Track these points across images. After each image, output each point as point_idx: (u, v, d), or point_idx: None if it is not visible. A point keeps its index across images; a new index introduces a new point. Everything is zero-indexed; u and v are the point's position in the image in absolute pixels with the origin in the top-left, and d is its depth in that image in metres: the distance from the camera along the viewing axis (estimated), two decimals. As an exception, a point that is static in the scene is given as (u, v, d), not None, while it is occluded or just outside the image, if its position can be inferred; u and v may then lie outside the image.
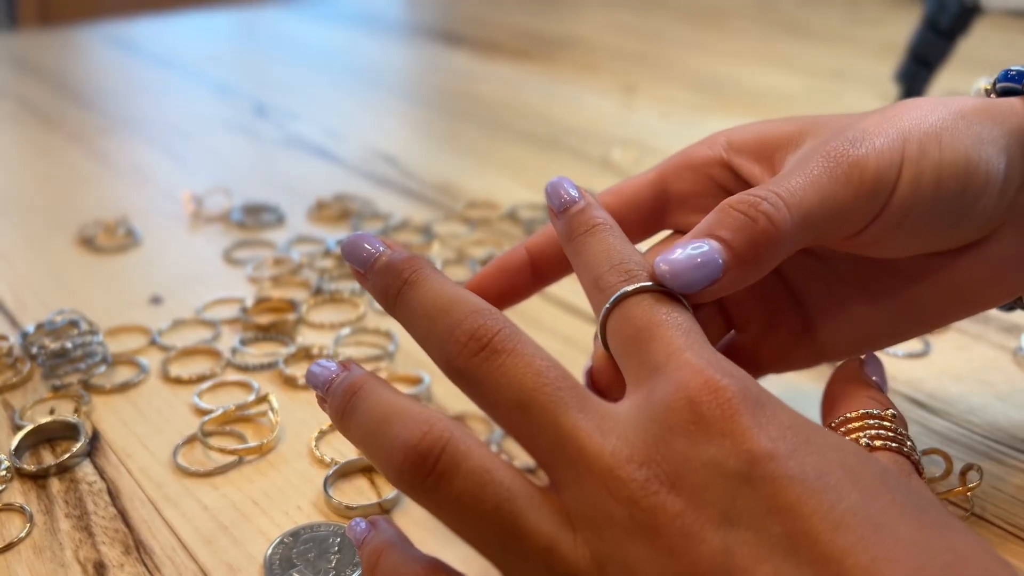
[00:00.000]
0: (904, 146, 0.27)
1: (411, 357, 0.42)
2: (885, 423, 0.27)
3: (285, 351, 0.41)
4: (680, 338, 0.23)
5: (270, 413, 0.36)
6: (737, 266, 0.26)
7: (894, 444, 0.26)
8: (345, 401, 0.24)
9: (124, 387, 0.39)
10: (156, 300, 0.47)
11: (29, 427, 0.35)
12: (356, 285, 0.48)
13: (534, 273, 0.33)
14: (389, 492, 0.33)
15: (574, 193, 0.29)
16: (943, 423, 0.37)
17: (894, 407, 0.28)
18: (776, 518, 0.20)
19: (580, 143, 0.72)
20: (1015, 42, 1.15)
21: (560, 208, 0.29)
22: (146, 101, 0.84)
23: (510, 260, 0.33)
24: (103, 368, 0.40)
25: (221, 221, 0.56)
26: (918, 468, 0.26)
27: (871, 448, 0.26)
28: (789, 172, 0.27)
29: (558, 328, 0.44)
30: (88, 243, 0.53)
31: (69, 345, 0.39)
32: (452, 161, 0.69)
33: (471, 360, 0.23)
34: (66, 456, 0.34)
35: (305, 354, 0.41)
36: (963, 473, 0.33)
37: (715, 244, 0.25)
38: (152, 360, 0.41)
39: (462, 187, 0.63)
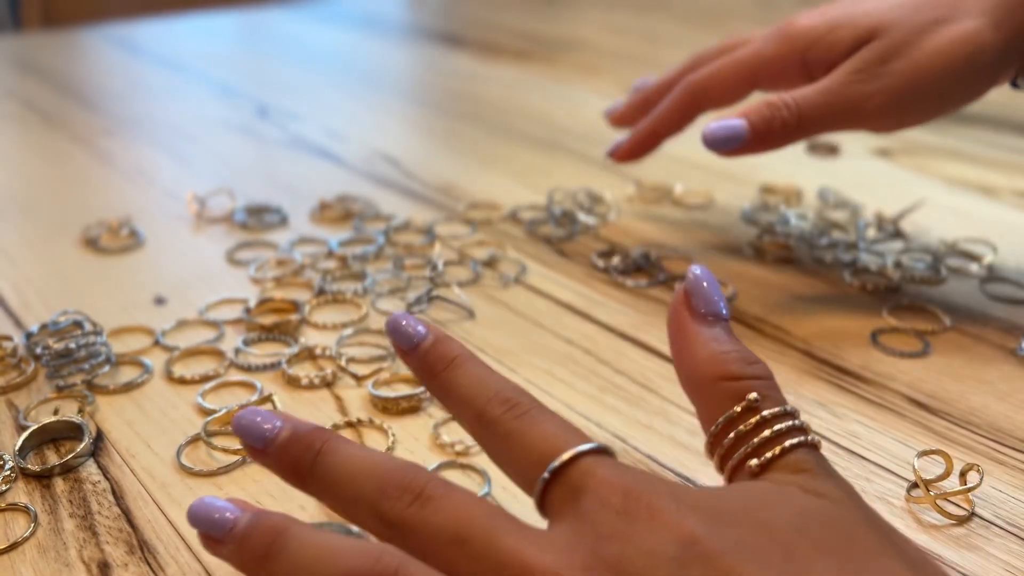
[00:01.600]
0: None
1: (413, 358, 0.42)
2: (755, 418, 0.25)
3: (288, 351, 0.41)
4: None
5: (273, 413, 0.36)
6: (754, 139, 0.43)
7: (777, 449, 0.25)
8: (266, 544, 0.24)
9: (128, 387, 0.39)
10: (160, 301, 0.47)
11: (33, 427, 0.35)
12: (359, 286, 0.48)
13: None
14: (392, 492, 0.33)
15: (420, 329, 0.29)
16: (943, 423, 0.37)
17: (754, 370, 0.26)
18: None
19: (581, 144, 0.72)
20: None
21: (410, 346, 0.29)
22: (149, 102, 0.84)
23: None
24: (107, 368, 0.40)
25: (224, 222, 0.56)
26: (814, 444, 0.25)
27: (764, 468, 0.25)
28: (819, 82, 0.43)
29: (559, 330, 0.44)
30: (92, 244, 0.53)
31: (73, 345, 0.39)
32: (454, 162, 0.69)
33: (406, 511, 0.23)
34: (70, 456, 0.34)
35: (308, 354, 0.42)
36: (963, 474, 0.33)
37: (743, 122, 0.42)
38: (156, 360, 0.41)
39: (464, 188, 0.63)
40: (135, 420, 0.37)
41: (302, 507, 0.32)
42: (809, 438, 0.25)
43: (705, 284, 0.28)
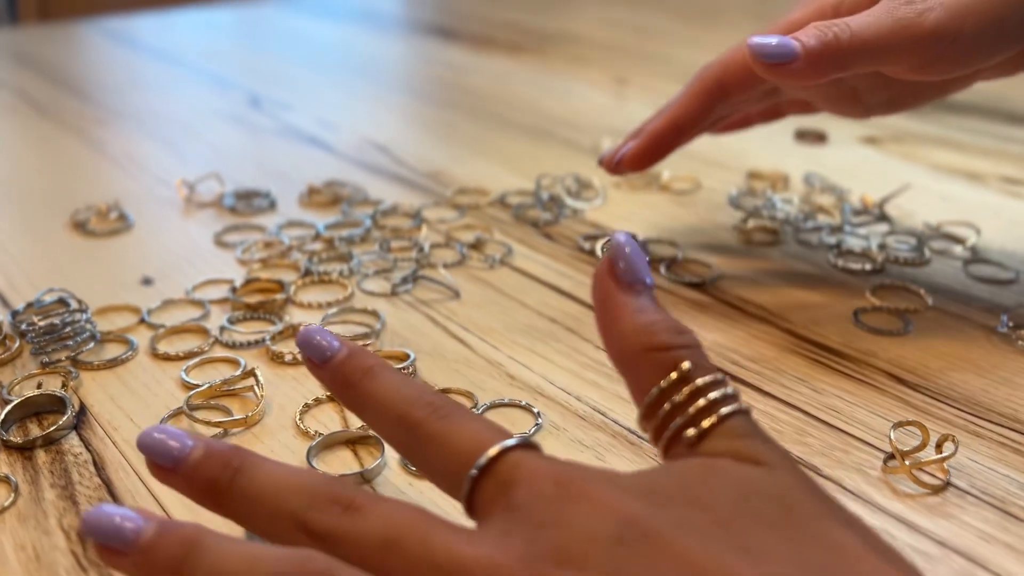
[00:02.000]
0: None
1: (397, 336, 0.42)
2: (689, 388, 0.25)
3: (273, 329, 0.42)
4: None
5: (255, 387, 0.37)
6: (805, 58, 0.36)
7: (714, 418, 0.24)
8: (181, 555, 0.22)
9: (112, 363, 0.39)
10: (147, 281, 0.47)
11: (16, 400, 0.36)
12: (345, 267, 0.48)
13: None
14: (371, 462, 0.33)
15: (334, 342, 0.28)
16: (922, 398, 0.37)
17: (682, 339, 0.26)
18: (659, 564, 0.20)
19: (571, 133, 0.72)
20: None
21: (322, 359, 0.28)
22: (143, 94, 0.84)
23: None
24: (92, 345, 0.40)
25: (213, 206, 0.57)
26: (746, 411, 0.25)
27: (700, 438, 0.24)
28: (864, 13, 0.37)
29: (543, 309, 0.45)
30: (81, 227, 0.53)
31: (58, 322, 0.40)
32: (444, 150, 0.70)
33: (334, 521, 0.23)
34: (52, 428, 0.34)
35: (293, 331, 0.42)
36: (939, 444, 0.33)
37: (795, 41, 0.36)
38: (141, 338, 0.42)
39: (453, 174, 0.63)
40: (118, 395, 0.38)
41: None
42: (742, 405, 0.25)
43: (629, 251, 0.27)
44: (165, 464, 0.25)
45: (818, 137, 0.70)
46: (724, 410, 0.24)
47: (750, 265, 0.49)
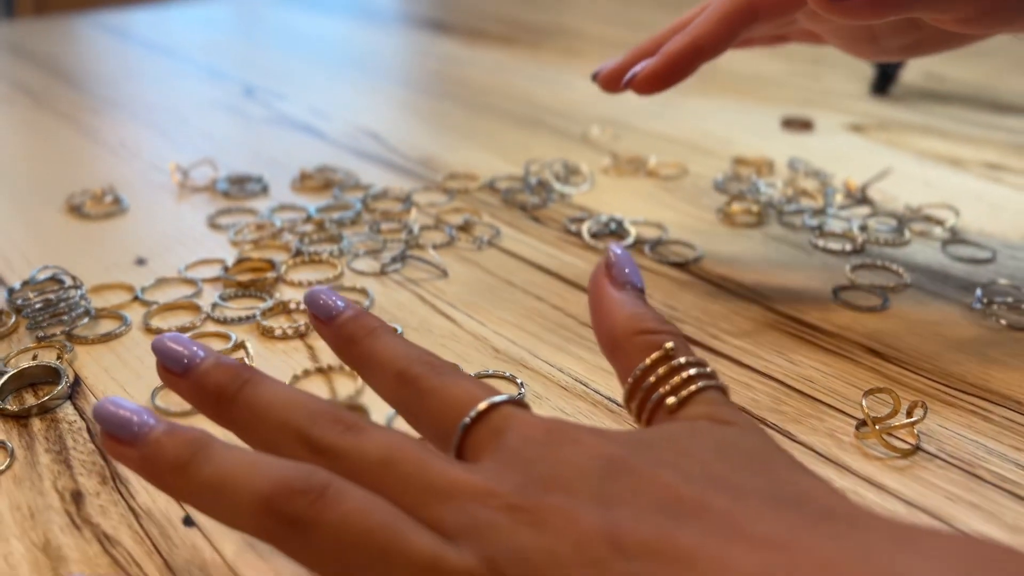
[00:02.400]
0: None
1: (385, 312, 0.43)
2: (672, 363, 0.27)
3: (263, 305, 0.43)
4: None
5: (245, 359, 0.38)
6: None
7: (693, 387, 0.26)
8: (189, 452, 0.23)
9: (106, 338, 0.40)
10: (141, 261, 0.48)
11: (12, 371, 0.36)
12: (335, 247, 0.49)
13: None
14: (357, 429, 0.34)
15: (340, 302, 0.30)
16: (896, 368, 0.38)
17: (666, 327, 0.28)
18: (643, 493, 0.22)
19: (560, 121, 0.73)
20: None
21: (328, 316, 0.29)
22: (137, 84, 0.85)
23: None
24: (86, 320, 0.41)
25: (207, 191, 0.58)
26: (723, 388, 0.27)
27: (680, 405, 0.26)
28: None
29: (529, 288, 0.46)
30: (76, 211, 0.54)
31: (53, 298, 0.41)
32: (435, 137, 0.70)
33: (336, 437, 0.24)
34: (47, 398, 0.35)
35: (283, 308, 0.43)
36: (909, 410, 0.34)
37: None
38: (134, 314, 0.42)
39: (443, 160, 0.64)
40: (112, 367, 0.38)
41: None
42: (720, 383, 0.27)
43: (624, 259, 0.30)
44: (176, 369, 0.26)
45: (804, 124, 0.71)
46: (703, 383, 0.26)
47: (733, 246, 0.50)
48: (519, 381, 0.37)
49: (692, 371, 0.26)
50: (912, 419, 0.33)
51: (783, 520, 0.20)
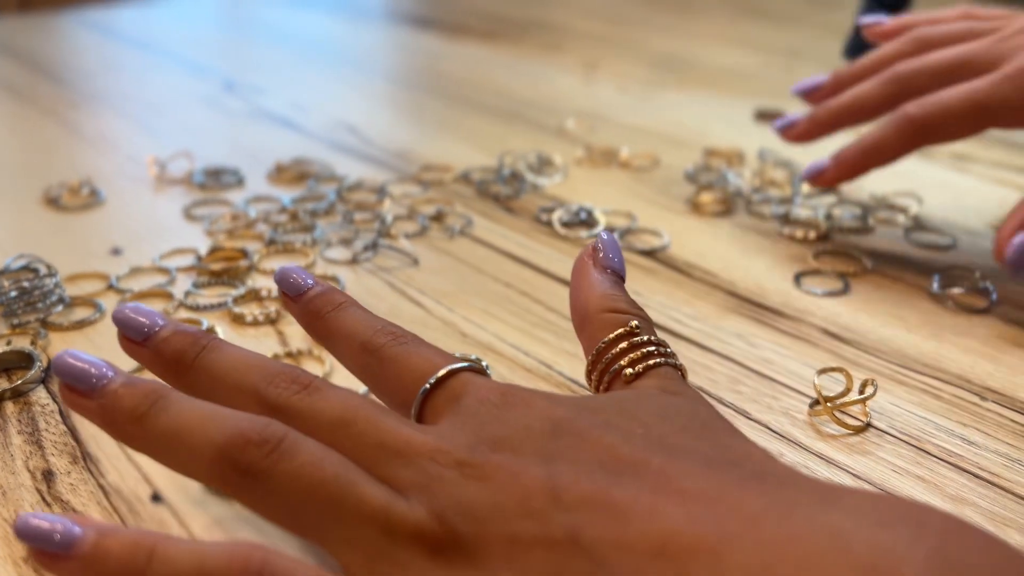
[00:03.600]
0: None
1: (356, 298, 0.44)
2: (635, 339, 0.28)
3: (235, 292, 0.43)
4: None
5: (216, 343, 0.38)
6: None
7: (651, 361, 0.27)
8: (147, 403, 0.24)
9: (80, 324, 0.41)
10: (116, 252, 0.49)
11: (-15, 357, 0.37)
12: (308, 237, 0.50)
13: None
14: (324, 410, 0.35)
15: (308, 279, 0.30)
16: (852, 351, 0.39)
17: (636, 310, 0.29)
18: (584, 451, 0.23)
19: (538, 114, 0.74)
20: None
21: (296, 293, 0.30)
22: (119, 79, 0.86)
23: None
24: (60, 308, 0.42)
25: (183, 183, 0.58)
26: (681, 371, 0.28)
27: (636, 376, 0.27)
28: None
29: (499, 275, 0.46)
30: (53, 203, 0.55)
31: (27, 286, 0.41)
32: (412, 130, 0.71)
33: (293, 397, 0.25)
34: (20, 382, 0.36)
35: (254, 295, 0.43)
36: (861, 388, 0.35)
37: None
38: (109, 302, 0.43)
39: (419, 153, 0.65)
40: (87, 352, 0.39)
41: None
42: (677, 363, 0.28)
43: (611, 247, 0.31)
44: (135, 337, 0.27)
45: (778, 117, 0.72)
46: (661, 360, 0.28)
47: (700, 235, 0.51)
48: (484, 364, 0.38)
49: (652, 348, 0.28)
50: (863, 396, 0.34)
51: (715, 477, 0.21)
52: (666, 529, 0.20)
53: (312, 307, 0.30)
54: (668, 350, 0.28)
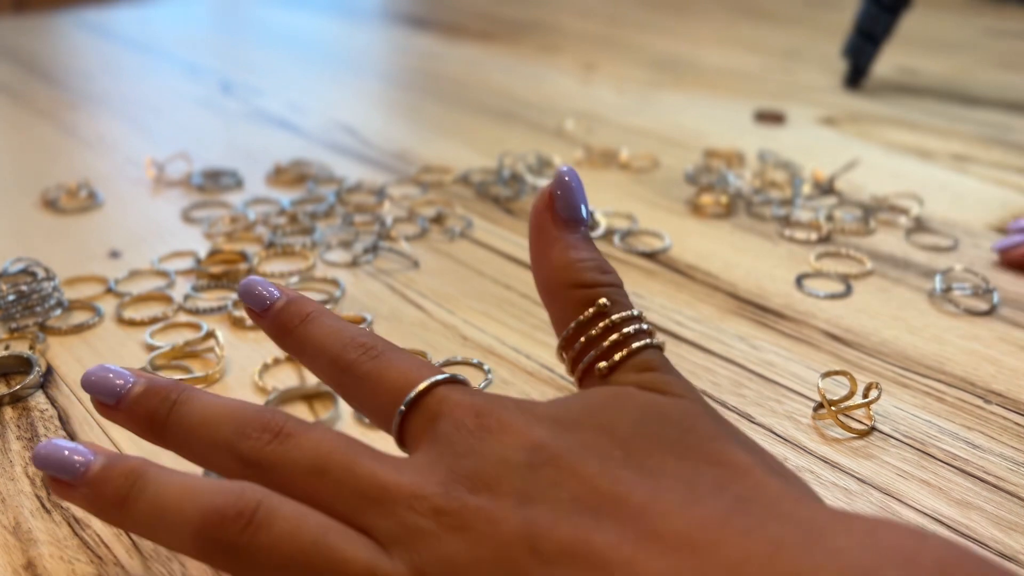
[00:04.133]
0: None
1: (356, 302, 0.44)
2: (604, 323, 0.26)
3: (234, 296, 0.43)
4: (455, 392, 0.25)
5: (216, 347, 0.38)
6: None
7: (625, 351, 0.26)
8: (126, 487, 0.24)
9: (79, 328, 0.41)
10: (115, 254, 0.48)
11: (-16, 361, 0.37)
12: (308, 239, 0.49)
13: None
14: (325, 414, 0.35)
15: (274, 291, 0.29)
16: (855, 353, 0.39)
17: (606, 278, 0.27)
18: (562, 488, 0.22)
19: (536, 115, 0.74)
20: (958, 19, 1.18)
21: (262, 307, 0.29)
22: (116, 80, 0.85)
23: None
24: (59, 312, 0.41)
25: (182, 185, 0.58)
26: (659, 346, 0.27)
27: (611, 370, 0.26)
28: None
29: (499, 277, 0.46)
30: (51, 205, 0.54)
31: (25, 289, 0.41)
32: (411, 131, 0.71)
33: (265, 448, 0.24)
34: (18, 387, 0.36)
35: (254, 298, 0.43)
36: (865, 392, 0.35)
37: None
38: (108, 305, 0.43)
39: (418, 154, 0.64)
40: (85, 357, 0.39)
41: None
42: (654, 340, 0.27)
43: (570, 183, 0.28)
44: (107, 401, 0.26)
45: (777, 118, 0.72)
46: (636, 344, 0.26)
47: (701, 236, 0.51)
48: (486, 368, 0.38)
49: (626, 330, 0.26)
50: (867, 399, 0.34)
51: (696, 516, 0.20)
52: None
53: (279, 321, 0.29)
54: (643, 327, 0.27)
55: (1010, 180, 0.60)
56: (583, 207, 0.28)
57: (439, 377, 0.26)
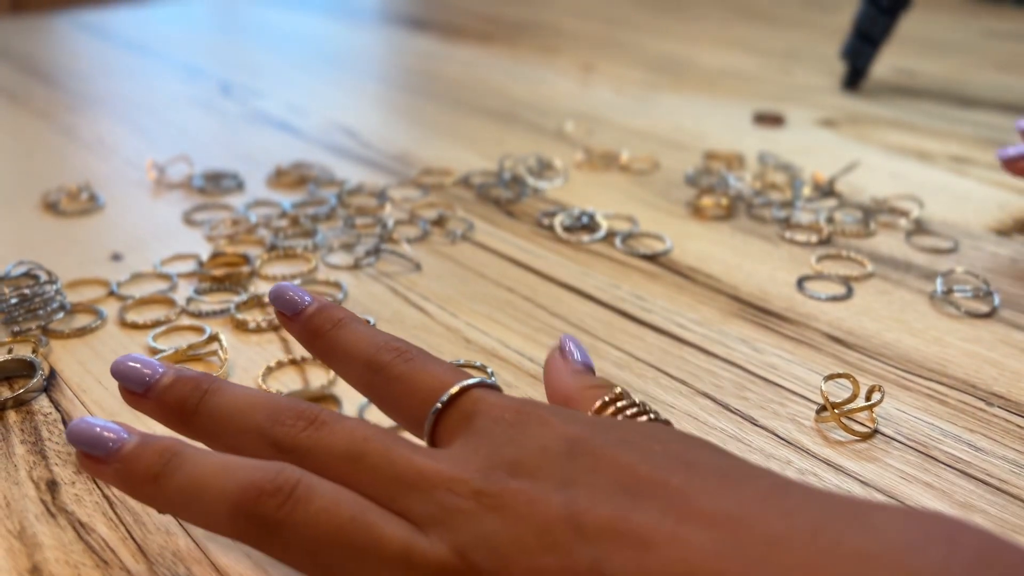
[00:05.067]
0: None
1: (358, 304, 0.44)
2: (621, 402, 0.27)
3: (237, 299, 0.43)
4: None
5: (219, 351, 0.38)
6: None
7: (644, 418, 0.26)
8: (160, 463, 0.24)
9: (82, 332, 0.41)
10: (116, 257, 0.48)
11: (-13, 365, 0.37)
12: (309, 242, 0.49)
13: None
14: (329, 418, 0.35)
15: (305, 296, 0.30)
16: (856, 355, 0.39)
17: (615, 385, 0.28)
18: (603, 474, 0.22)
19: (536, 117, 0.74)
20: (956, 20, 1.18)
21: (294, 311, 0.29)
22: (115, 82, 0.85)
23: None
24: (61, 315, 0.41)
25: (182, 187, 0.58)
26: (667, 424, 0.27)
27: None
28: None
29: (501, 280, 0.46)
30: (51, 208, 0.54)
31: (28, 292, 0.41)
32: (410, 133, 0.71)
33: (300, 435, 0.24)
34: (22, 391, 0.36)
35: (257, 301, 0.43)
36: (867, 394, 0.35)
37: None
38: (110, 309, 0.43)
39: (418, 156, 0.65)
40: (87, 360, 0.39)
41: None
42: (665, 420, 0.27)
43: (579, 348, 0.30)
44: (136, 389, 0.27)
45: (776, 119, 0.72)
46: (652, 416, 0.26)
47: (702, 239, 0.51)
48: (489, 370, 0.38)
49: (639, 407, 0.27)
50: (870, 402, 0.34)
51: (736, 495, 0.21)
52: (689, 559, 0.20)
53: (311, 325, 0.29)
54: (653, 408, 0.27)
55: (1009, 182, 0.60)
56: (584, 354, 0.30)
57: (474, 380, 0.26)
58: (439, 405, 0.25)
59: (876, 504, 0.21)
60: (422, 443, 0.26)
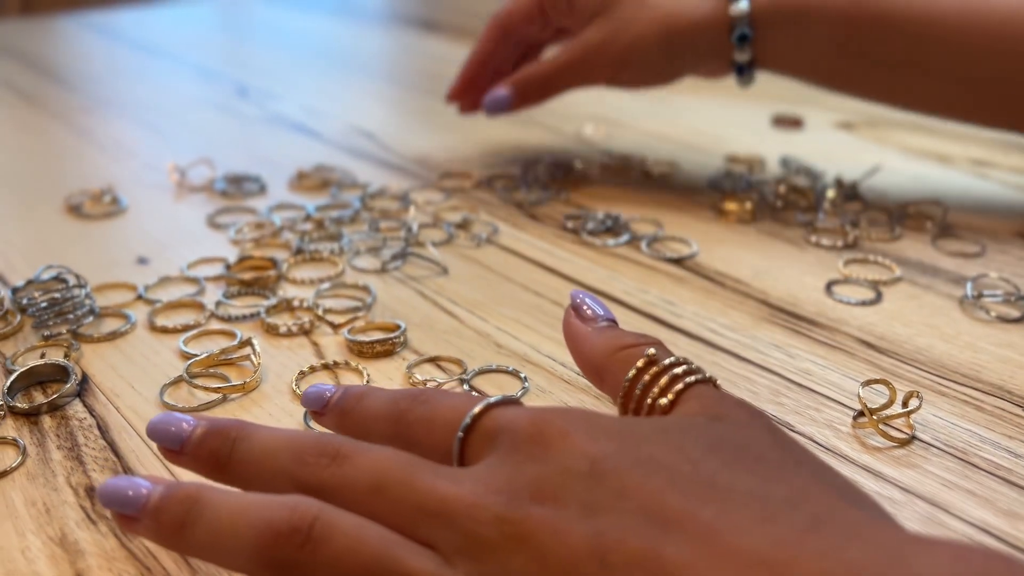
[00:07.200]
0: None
1: (388, 309, 0.44)
2: (656, 368, 0.27)
3: (267, 303, 0.43)
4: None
5: (252, 356, 0.38)
6: (516, 98, 0.57)
7: (681, 384, 0.27)
8: (182, 513, 0.24)
9: (112, 336, 0.41)
10: (142, 261, 0.48)
11: (21, 369, 0.37)
12: (336, 245, 0.49)
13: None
14: (366, 423, 0.34)
15: (327, 391, 0.30)
16: (890, 361, 0.39)
17: (645, 339, 0.29)
18: (628, 499, 0.22)
19: (554, 120, 0.74)
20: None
21: (320, 405, 0.30)
22: (128, 84, 0.85)
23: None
24: (91, 319, 0.41)
25: (205, 190, 0.58)
26: (712, 381, 0.27)
27: (673, 403, 0.26)
28: (563, 48, 0.56)
29: (529, 284, 0.46)
30: (75, 210, 0.54)
31: (58, 296, 0.41)
32: (428, 136, 0.71)
33: (324, 473, 0.25)
34: (56, 395, 0.36)
35: (286, 305, 0.43)
36: (905, 401, 0.35)
37: (505, 90, 0.57)
38: (139, 313, 0.43)
39: (438, 159, 0.64)
40: (119, 365, 0.39)
41: (280, 438, 0.34)
42: (708, 376, 0.27)
43: (587, 300, 0.31)
44: (172, 447, 0.27)
45: (794, 122, 0.72)
46: (690, 379, 0.27)
47: (727, 242, 0.51)
48: (523, 376, 0.38)
49: (678, 369, 0.27)
50: (908, 409, 0.34)
51: (770, 533, 0.20)
52: None
53: (339, 408, 0.29)
54: (693, 366, 0.27)
55: (1031, 185, 0.60)
56: (601, 306, 0.31)
57: (492, 400, 0.26)
58: (461, 433, 0.25)
59: (920, 541, 0.20)
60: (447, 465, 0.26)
